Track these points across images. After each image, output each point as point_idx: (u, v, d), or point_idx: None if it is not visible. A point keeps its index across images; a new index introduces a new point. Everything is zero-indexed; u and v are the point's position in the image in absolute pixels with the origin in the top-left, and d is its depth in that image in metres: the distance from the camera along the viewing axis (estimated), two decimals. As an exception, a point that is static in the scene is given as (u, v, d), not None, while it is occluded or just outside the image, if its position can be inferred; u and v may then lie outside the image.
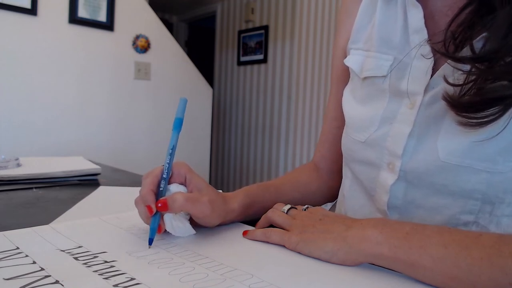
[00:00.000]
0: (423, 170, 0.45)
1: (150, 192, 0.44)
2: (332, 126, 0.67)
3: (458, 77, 0.41)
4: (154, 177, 0.45)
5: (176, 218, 0.44)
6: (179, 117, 0.47)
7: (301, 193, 0.64)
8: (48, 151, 2.25)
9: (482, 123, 0.38)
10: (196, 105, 2.99)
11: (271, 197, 0.58)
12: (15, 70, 2.16)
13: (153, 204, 0.43)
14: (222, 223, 0.50)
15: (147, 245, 0.42)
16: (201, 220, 0.46)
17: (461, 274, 0.32)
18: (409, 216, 0.49)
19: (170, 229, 0.44)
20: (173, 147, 0.46)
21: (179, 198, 0.43)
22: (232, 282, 0.33)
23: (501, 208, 0.41)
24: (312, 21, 3.32)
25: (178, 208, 0.43)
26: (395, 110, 0.49)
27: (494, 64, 0.37)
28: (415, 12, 0.47)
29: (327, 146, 0.68)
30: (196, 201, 0.44)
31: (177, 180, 0.47)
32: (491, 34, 0.37)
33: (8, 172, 0.79)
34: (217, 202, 0.47)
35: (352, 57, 0.57)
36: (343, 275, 0.36)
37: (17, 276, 0.33)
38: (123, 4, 2.50)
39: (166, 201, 0.43)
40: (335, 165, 0.68)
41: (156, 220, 0.43)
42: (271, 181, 0.62)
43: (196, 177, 0.48)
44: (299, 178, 0.66)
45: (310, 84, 3.35)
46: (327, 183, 0.68)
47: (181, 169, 0.47)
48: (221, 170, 4.02)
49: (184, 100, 0.47)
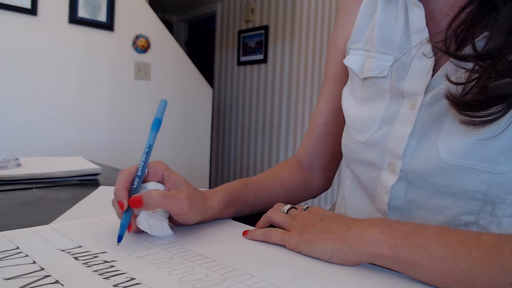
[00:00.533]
0: (424, 170, 0.45)
1: (123, 188, 0.43)
2: (320, 123, 0.67)
3: (460, 76, 0.41)
4: (128, 174, 0.45)
5: (153, 216, 0.44)
6: (158, 117, 0.47)
7: (283, 189, 0.63)
8: (48, 151, 2.25)
9: (485, 122, 0.38)
10: (196, 105, 2.99)
11: (253, 193, 0.58)
12: (15, 70, 2.16)
13: (125, 200, 0.42)
14: (202, 221, 0.50)
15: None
16: (179, 217, 0.46)
17: (461, 274, 0.32)
18: (410, 216, 0.48)
19: (146, 228, 0.43)
20: (149, 146, 0.46)
21: (155, 194, 0.42)
22: (232, 282, 0.33)
23: (502, 209, 0.41)
24: (312, 21, 3.32)
25: (154, 205, 0.42)
26: (396, 110, 0.49)
27: (497, 61, 0.37)
28: (416, 12, 0.47)
29: (313, 142, 0.68)
30: (173, 198, 0.44)
31: (154, 178, 0.47)
32: (494, 32, 0.37)
33: (8, 172, 0.79)
34: (196, 199, 0.47)
35: (352, 57, 0.57)
36: (343, 275, 0.36)
37: (17, 276, 0.33)
38: (123, 4, 2.50)
39: (141, 197, 0.42)
40: (319, 161, 0.68)
41: (127, 216, 0.42)
42: (252, 177, 0.62)
43: (174, 175, 0.47)
44: (281, 173, 0.66)
45: (310, 84, 3.35)
46: (309, 179, 0.68)
47: (158, 167, 0.47)
48: (221, 170, 4.02)
49: (165, 101, 0.47)
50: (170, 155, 2.83)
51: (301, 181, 0.67)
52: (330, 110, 0.65)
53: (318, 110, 0.68)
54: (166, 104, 0.47)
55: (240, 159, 3.77)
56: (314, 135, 0.68)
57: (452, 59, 0.41)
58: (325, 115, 0.66)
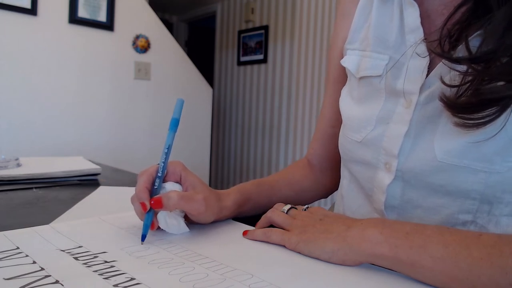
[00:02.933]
0: (420, 170, 0.45)
1: (144, 190, 0.45)
2: (326, 125, 0.67)
3: (454, 77, 0.40)
4: (149, 175, 0.46)
5: (171, 215, 0.45)
6: (175, 117, 0.47)
7: (295, 191, 0.65)
8: (48, 151, 2.25)
9: (479, 124, 0.38)
10: (196, 105, 2.99)
11: (265, 194, 0.59)
12: (15, 70, 2.16)
13: (147, 201, 0.44)
14: (216, 220, 0.51)
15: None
16: (195, 217, 0.47)
17: (461, 274, 0.32)
18: (407, 216, 0.48)
19: (164, 226, 0.45)
20: (168, 147, 0.47)
21: (173, 196, 0.44)
22: (232, 282, 0.33)
23: (499, 208, 0.41)
24: (312, 21, 3.32)
25: (173, 206, 0.44)
26: (391, 109, 0.49)
27: (491, 64, 0.37)
28: (411, 11, 0.47)
29: (321, 143, 0.69)
30: (190, 199, 0.45)
31: (172, 178, 0.48)
32: (488, 34, 0.37)
33: (8, 172, 0.79)
34: (211, 200, 0.48)
35: (349, 57, 0.57)
36: (343, 275, 0.36)
37: (17, 276, 0.33)
38: (123, 4, 2.50)
39: (161, 199, 0.43)
40: (328, 162, 0.69)
41: (149, 216, 0.44)
42: (265, 178, 0.63)
43: (191, 175, 0.49)
44: (292, 175, 0.67)
45: (310, 84, 3.35)
46: (319, 180, 0.69)
47: (176, 167, 0.48)
48: (221, 170, 4.02)
49: (181, 100, 0.48)
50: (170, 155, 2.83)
51: (312, 183, 0.68)
52: (334, 112, 0.65)
53: (323, 112, 0.69)
54: (183, 103, 0.48)
55: (240, 159, 3.77)
56: (322, 137, 0.69)
57: (446, 61, 0.41)
58: (330, 118, 0.67)
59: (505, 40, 0.36)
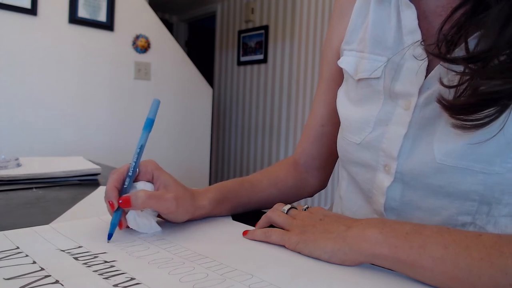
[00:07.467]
0: (419, 171, 0.45)
1: (113, 189, 0.45)
2: (316, 124, 0.67)
3: (452, 78, 0.40)
4: (119, 174, 0.46)
5: (141, 214, 0.46)
6: (150, 117, 0.47)
7: (278, 189, 0.64)
8: (48, 151, 2.25)
9: (478, 126, 0.38)
10: (196, 105, 2.99)
11: (246, 192, 0.58)
12: (15, 70, 2.15)
13: (115, 200, 0.44)
14: (192, 219, 0.51)
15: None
16: (167, 216, 0.48)
17: (461, 274, 0.32)
18: (407, 217, 0.48)
19: (134, 226, 0.45)
20: (141, 147, 0.47)
21: (142, 195, 0.44)
22: (232, 282, 0.33)
23: (498, 209, 0.41)
24: (312, 21, 3.32)
25: (141, 205, 0.44)
26: (390, 111, 0.49)
27: (488, 63, 0.37)
28: (408, 13, 0.47)
29: (309, 142, 0.68)
30: (159, 198, 0.45)
31: (144, 178, 0.48)
32: (485, 32, 0.37)
33: (8, 172, 0.79)
34: (184, 199, 0.48)
35: (346, 58, 0.57)
36: (343, 275, 0.36)
37: (17, 276, 0.33)
38: (123, 4, 2.50)
39: (129, 198, 0.43)
40: (315, 161, 0.69)
41: (117, 216, 0.44)
42: (248, 176, 0.62)
43: (164, 174, 0.49)
44: (276, 173, 0.66)
45: (310, 84, 3.35)
46: (305, 179, 0.69)
47: (148, 167, 0.48)
48: (221, 170, 4.02)
49: (157, 101, 0.48)
50: (170, 155, 2.83)
51: (296, 181, 0.67)
52: (325, 111, 0.65)
53: (313, 111, 0.68)
54: (159, 104, 0.48)
55: (240, 159, 3.77)
56: (311, 135, 0.68)
57: (443, 62, 0.41)
58: (321, 116, 0.66)
59: (502, 37, 0.36)
